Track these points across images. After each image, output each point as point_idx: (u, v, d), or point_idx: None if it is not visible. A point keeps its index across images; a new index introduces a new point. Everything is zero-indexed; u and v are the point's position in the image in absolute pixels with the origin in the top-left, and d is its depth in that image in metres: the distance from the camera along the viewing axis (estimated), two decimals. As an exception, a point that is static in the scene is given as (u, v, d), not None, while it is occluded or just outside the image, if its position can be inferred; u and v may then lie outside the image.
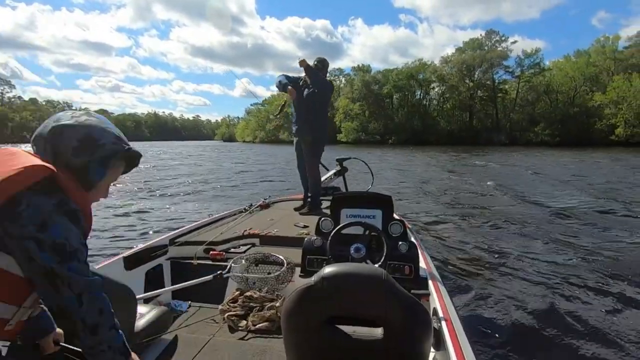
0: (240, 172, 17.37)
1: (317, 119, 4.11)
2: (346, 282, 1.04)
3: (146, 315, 1.67)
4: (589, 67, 47.47)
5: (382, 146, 43.26)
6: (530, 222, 6.61)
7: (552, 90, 50.31)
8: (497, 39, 55.62)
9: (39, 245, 0.86)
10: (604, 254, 4.74)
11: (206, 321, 2.28)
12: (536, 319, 3.12)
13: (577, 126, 44.66)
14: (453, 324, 1.55)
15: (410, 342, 1.07)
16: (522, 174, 14.96)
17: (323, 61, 4.09)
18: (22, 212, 0.85)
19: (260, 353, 1.91)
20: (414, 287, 1.95)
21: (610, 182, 11.95)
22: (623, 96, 40.85)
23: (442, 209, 8.11)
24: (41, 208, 0.87)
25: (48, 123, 0.97)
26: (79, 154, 0.97)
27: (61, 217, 0.90)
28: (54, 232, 0.87)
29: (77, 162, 0.97)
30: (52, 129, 0.96)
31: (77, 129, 0.97)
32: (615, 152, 28.29)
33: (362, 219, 2.15)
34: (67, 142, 0.96)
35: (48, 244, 0.86)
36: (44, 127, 0.97)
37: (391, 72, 62.14)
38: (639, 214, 7.18)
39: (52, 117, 1.00)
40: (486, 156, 25.82)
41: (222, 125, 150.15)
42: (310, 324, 1.08)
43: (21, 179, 0.85)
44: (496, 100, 54.04)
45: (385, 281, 1.03)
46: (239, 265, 2.47)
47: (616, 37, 48.41)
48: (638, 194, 9.57)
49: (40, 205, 0.87)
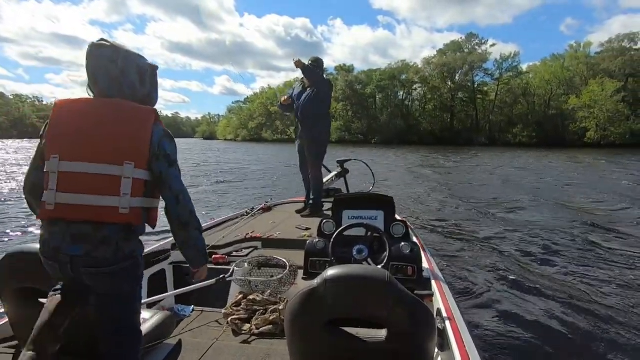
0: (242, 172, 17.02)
1: (319, 120, 4.08)
2: (349, 284, 1.04)
3: (149, 320, 1.64)
4: (563, 71, 49.24)
5: (366, 146, 43.52)
6: (533, 223, 6.63)
7: (529, 93, 51.89)
8: (477, 42, 57.00)
9: (157, 157, 1.21)
10: (617, 258, 4.71)
11: (209, 325, 2.26)
12: (541, 320, 3.12)
13: (553, 128, 46.30)
14: (457, 325, 1.55)
15: (415, 343, 1.07)
16: (518, 174, 15.26)
17: (318, 60, 4.05)
18: (160, 132, 1.22)
19: (264, 356, 1.90)
20: (417, 288, 1.95)
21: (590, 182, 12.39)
22: (595, 100, 42.62)
23: (441, 209, 8.10)
24: (158, 133, 1.21)
25: (107, 68, 1.19)
26: (143, 85, 1.28)
27: (167, 137, 1.24)
28: (165, 147, 1.22)
29: (144, 91, 1.28)
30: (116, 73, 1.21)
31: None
32: (578, 153, 29.35)
33: (364, 221, 2.16)
34: (132, 87, 1.24)
35: (162, 154, 1.22)
36: (106, 70, 1.20)
37: (374, 72, 62.66)
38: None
39: (103, 66, 1.20)
40: (475, 157, 26.32)
41: (202, 123, 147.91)
42: (313, 327, 1.08)
43: (153, 117, 1.21)
44: (476, 102, 55.31)
45: (388, 282, 1.03)
46: (241, 268, 2.46)
47: (587, 43, 50.49)
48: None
49: (157, 130, 1.21)
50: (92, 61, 1.19)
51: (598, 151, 32.55)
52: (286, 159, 23.19)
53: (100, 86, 1.20)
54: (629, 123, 41.30)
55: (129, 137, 1.16)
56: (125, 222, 1.14)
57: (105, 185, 1.12)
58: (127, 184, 1.13)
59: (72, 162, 1.13)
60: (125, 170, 1.13)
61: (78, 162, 1.13)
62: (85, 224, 1.12)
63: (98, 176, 1.12)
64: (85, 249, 1.11)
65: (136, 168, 1.15)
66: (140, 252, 1.23)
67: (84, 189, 1.12)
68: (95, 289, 1.16)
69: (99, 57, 1.19)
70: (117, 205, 1.12)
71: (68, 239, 1.11)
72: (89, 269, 1.12)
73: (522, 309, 3.32)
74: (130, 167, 1.14)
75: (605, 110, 41.58)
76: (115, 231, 1.14)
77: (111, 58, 1.19)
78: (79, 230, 1.11)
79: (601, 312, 3.27)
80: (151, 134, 1.18)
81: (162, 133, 1.22)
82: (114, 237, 1.13)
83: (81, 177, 1.12)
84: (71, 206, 1.12)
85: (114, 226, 1.14)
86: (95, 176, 1.12)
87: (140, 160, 1.16)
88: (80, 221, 1.12)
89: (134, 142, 1.16)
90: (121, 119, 1.17)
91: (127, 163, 1.13)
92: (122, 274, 1.16)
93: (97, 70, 1.19)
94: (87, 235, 1.11)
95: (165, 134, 1.23)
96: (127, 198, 1.13)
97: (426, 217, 7.26)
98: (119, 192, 1.12)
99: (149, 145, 1.18)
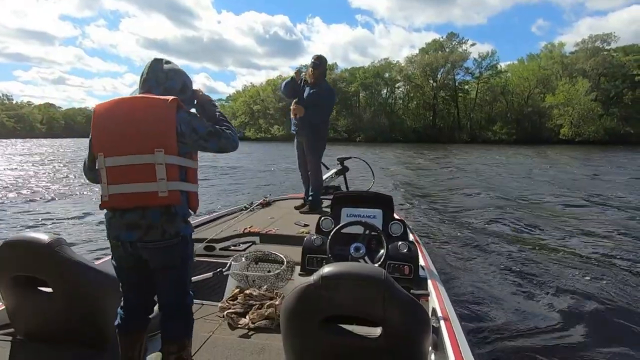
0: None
1: (318, 119, 4.06)
2: (345, 282, 1.04)
3: None
4: (540, 70, 50.78)
5: (350, 144, 43.68)
6: (530, 221, 6.68)
7: (508, 92, 53.30)
8: (457, 41, 58.05)
9: (183, 137, 1.35)
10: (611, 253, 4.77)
11: (206, 318, 2.26)
12: (535, 319, 3.14)
13: (531, 125, 47.80)
14: (452, 324, 1.57)
15: (409, 342, 1.08)
16: (493, 170, 15.69)
17: (321, 58, 4.01)
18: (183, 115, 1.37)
19: (260, 351, 1.91)
20: (413, 287, 1.97)
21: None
22: (569, 98, 44.16)
23: (441, 210, 8.03)
24: (182, 119, 1.34)
25: (157, 76, 1.40)
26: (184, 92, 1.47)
27: (192, 118, 1.40)
28: (190, 126, 1.36)
29: (181, 97, 1.41)
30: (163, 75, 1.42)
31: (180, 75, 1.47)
32: (550, 150, 30.33)
33: (363, 219, 2.17)
34: (172, 88, 1.42)
35: (188, 133, 1.36)
36: (155, 76, 1.40)
37: (358, 70, 62.98)
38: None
39: (154, 74, 1.41)
40: (453, 154, 26.76)
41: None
42: (309, 323, 1.08)
43: (175, 105, 1.32)
44: (457, 100, 56.37)
45: (385, 281, 1.03)
46: (239, 263, 2.46)
47: (561, 44, 52.33)
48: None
49: (181, 117, 1.35)
50: (150, 71, 1.40)
51: (571, 148, 33.75)
52: (273, 158, 23.07)
53: (146, 85, 1.39)
54: (601, 121, 43.00)
55: (155, 127, 1.28)
56: (165, 204, 1.30)
57: (143, 173, 1.27)
58: (162, 170, 1.27)
59: (114, 157, 1.29)
60: (157, 157, 1.27)
61: (118, 156, 1.28)
62: (134, 212, 1.30)
63: (135, 166, 1.27)
64: (137, 235, 1.30)
65: (167, 154, 1.28)
66: (187, 231, 1.39)
67: (127, 179, 1.28)
68: (151, 263, 1.36)
69: (155, 68, 1.40)
70: (156, 190, 1.27)
71: (124, 228, 1.31)
72: (144, 247, 1.32)
73: (517, 310, 3.34)
74: (161, 154, 1.27)
75: (579, 108, 43.16)
76: (158, 215, 1.30)
77: (164, 68, 1.41)
78: (130, 220, 1.30)
79: (598, 310, 3.30)
80: (176, 122, 1.31)
81: (187, 117, 1.36)
82: (158, 221, 1.30)
83: (123, 169, 1.28)
84: (120, 195, 1.29)
85: (157, 210, 1.30)
86: (133, 167, 1.27)
87: (169, 147, 1.29)
88: (130, 209, 1.30)
89: (161, 130, 1.28)
90: (148, 111, 1.30)
91: (157, 150, 1.27)
92: (170, 250, 1.34)
93: (149, 75, 1.40)
94: (137, 224, 1.30)
95: (189, 116, 1.38)
96: (163, 182, 1.27)
97: (425, 217, 7.26)
98: (155, 177, 1.27)
99: (175, 132, 1.30)
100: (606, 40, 48.21)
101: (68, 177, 14.09)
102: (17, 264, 1.30)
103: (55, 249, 1.28)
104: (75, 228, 6.72)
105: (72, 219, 7.36)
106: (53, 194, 10.40)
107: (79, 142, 51.98)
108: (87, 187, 11.07)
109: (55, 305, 1.31)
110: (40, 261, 1.25)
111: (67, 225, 6.95)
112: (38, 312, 1.35)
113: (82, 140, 41.39)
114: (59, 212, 8.02)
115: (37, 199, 9.55)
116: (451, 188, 11.06)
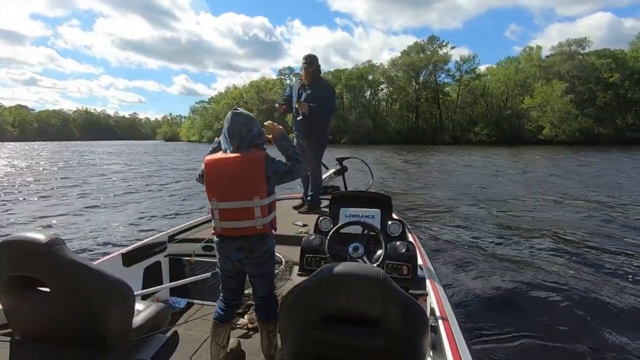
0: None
1: (318, 119, 4.03)
2: (344, 281, 1.04)
3: (144, 311, 1.62)
4: (518, 73, 52.36)
5: (335, 146, 43.89)
6: (527, 220, 6.75)
7: (487, 94, 54.66)
8: (438, 44, 59.26)
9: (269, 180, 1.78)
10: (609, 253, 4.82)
11: (204, 318, 2.25)
12: (533, 319, 3.16)
13: (510, 127, 49.10)
14: (450, 324, 1.58)
15: (407, 342, 1.08)
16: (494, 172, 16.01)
17: (311, 57, 3.97)
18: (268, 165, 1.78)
19: (258, 351, 1.91)
20: (411, 287, 1.98)
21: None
22: (547, 100, 45.67)
23: (441, 209, 8.08)
24: (269, 168, 1.77)
25: (240, 131, 1.76)
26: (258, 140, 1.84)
27: (274, 164, 1.80)
28: (273, 170, 1.80)
29: (258, 141, 1.82)
30: (244, 135, 1.78)
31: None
32: (526, 150, 31.22)
33: (361, 219, 2.18)
34: (253, 138, 1.79)
35: (272, 175, 1.80)
36: (240, 132, 1.77)
37: (342, 72, 63.39)
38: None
39: (238, 130, 1.77)
40: (439, 154, 27.20)
41: (163, 124, 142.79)
42: (307, 322, 1.08)
43: (264, 158, 1.76)
44: (439, 102, 57.47)
45: (383, 281, 1.03)
46: None
47: (539, 48, 54.10)
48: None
49: (268, 166, 1.77)
50: (231, 125, 1.76)
51: (547, 148, 34.74)
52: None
53: (235, 141, 1.76)
54: (577, 121, 44.63)
55: (252, 181, 1.73)
56: (261, 233, 1.78)
57: (246, 214, 1.74)
58: (258, 211, 1.74)
59: (224, 202, 1.75)
60: (255, 202, 1.73)
61: (227, 202, 1.75)
62: (240, 239, 1.78)
63: (240, 209, 1.74)
64: (243, 255, 1.79)
65: (261, 199, 1.74)
66: (272, 246, 1.86)
67: (234, 217, 1.75)
68: (251, 272, 1.86)
69: (236, 122, 1.76)
70: (254, 225, 1.75)
71: (233, 250, 1.79)
72: (248, 263, 1.82)
73: (516, 310, 3.38)
74: (257, 199, 1.73)
75: (556, 109, 44.70)
76: (256, 240, 1.78)
77: (243, 123, 1.76)
78: (238, 245, 1.78)
79: (601, 312, 3.33)
80: (264, 172, 1.74)
81: (270, 165, 1.77)
82: (257, 244, 1.79)
83: (231, 211, 1.75)
84: (229, 229, 1.77)
85: (255, 237, 1.78)
86: (238, 210, 1.75)
87: (262, 193, 1.74)
88: (237, 237, 1.78)
89: (256, 182, 1.73)
90: (246, 168, 1.73)
91: (255, 197, 1.73)
92: (264, 262, 1.84)
93: (234, 130, 1.75)
94: (243, 247, 1.78)
95: (271, 163, 1.79)
96: (259, 219, 1.75)
97: (424, 217, 7.28)
98: (254, 216, 1.74)
99: (265, 181, 1.74)
100: (581, 45, 50.31)
101: (67, 178, 14.17)
102: (14, 264, 1.26)
103: (53, 248, 1.24)
104: (73, 228, 6.72)
105: (71, 219, 7.41)
106: (50, 194, 10.44)
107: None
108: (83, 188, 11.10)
109: (53, 306, 1.27)
110: (38, 261, 1.22)
111: (66, 225, 6.97)
112: (36, 312, 1.31)
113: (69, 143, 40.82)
114: (58, 212, 8.10)
115: (35, 199, 9.65)
116: (444, 188, 11.22)
